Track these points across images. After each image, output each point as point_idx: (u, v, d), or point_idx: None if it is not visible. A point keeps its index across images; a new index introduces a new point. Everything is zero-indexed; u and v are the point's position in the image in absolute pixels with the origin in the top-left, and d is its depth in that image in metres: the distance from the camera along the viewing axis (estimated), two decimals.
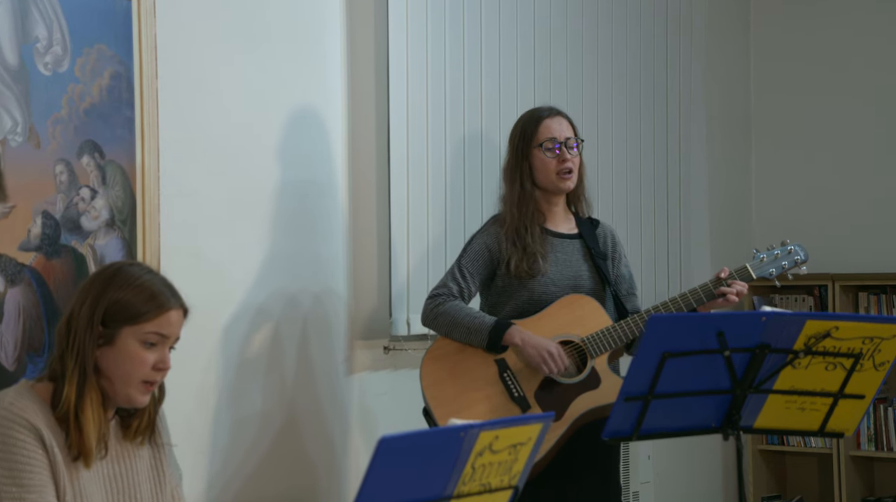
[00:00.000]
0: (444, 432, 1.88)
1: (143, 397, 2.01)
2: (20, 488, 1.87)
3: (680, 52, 4.51)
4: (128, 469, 2.06)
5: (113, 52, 2.65)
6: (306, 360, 3.30)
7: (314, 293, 3.32)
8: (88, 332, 1.97)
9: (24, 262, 2.49)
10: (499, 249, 3.02)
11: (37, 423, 1.91)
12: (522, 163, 3.04)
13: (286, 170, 3.21)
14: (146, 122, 2.73)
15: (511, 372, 2.95)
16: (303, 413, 3.29)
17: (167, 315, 2.00)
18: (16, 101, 2.45)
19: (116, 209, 2.69)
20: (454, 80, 3.62)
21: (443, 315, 2.97)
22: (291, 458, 3.26)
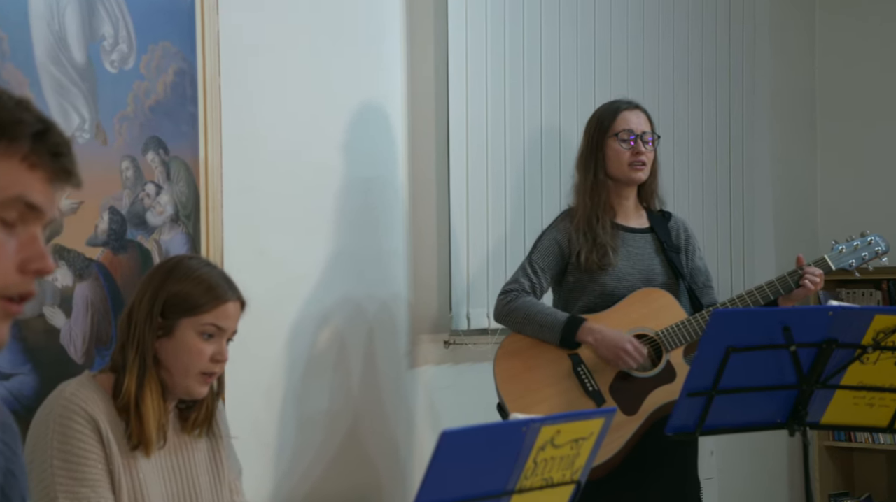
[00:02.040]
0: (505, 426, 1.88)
1: (202, 388, 2.03)
2: (74, 481, 1.90)
3: (743, 38, 4.45)
4: (186, 460, 2.08)
5: (177, 49, 2.68)
6: (370, 355, 3.31)
7: (376, 288, 3.33)
8: (148, 324, 1.99)
9: (91, 257, 2.52)
10: (568, 244, 3.01)
11: (96, 414, 1.94)
12: (596, 153, 3.03)
13: (348, 166, 3.23)
14: (209, 118, 2.75)
15: (585, 366, 2.93)
16: (367, 407, 3.31)
17: (224, 307, 2.02)
18: (83, 99, 2.49)
19: (181, 204, 2.72)
20: (514, 76, 3.60)
21: (515, 311, 2.97)
22: (356, 453, 3.27)
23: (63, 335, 2.46)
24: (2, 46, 2.30)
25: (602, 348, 2.88)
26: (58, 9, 2.42)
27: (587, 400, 2.91)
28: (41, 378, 2.39)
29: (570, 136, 3.59)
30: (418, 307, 3.45)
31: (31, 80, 2.35)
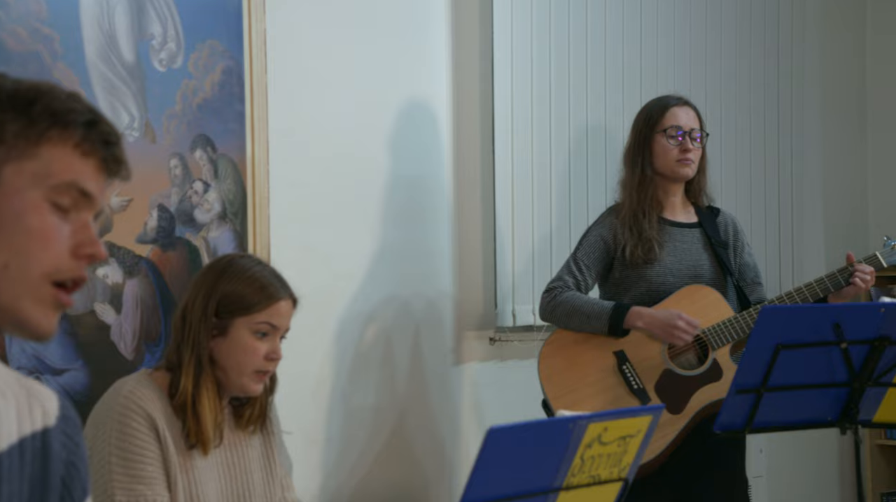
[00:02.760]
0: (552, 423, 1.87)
1: (257, 386, 2.05)
2: (131, 478, 1.92)
3: (792, 31, 4.39)
4: (240, 457, 2.10)
5: (224, 47, 2.70)
6: (415, 351, 3.32)
7: (422, 285, 3.34)
8: (203, 324, 2.01)
9: (141, 255, 2.55)
10: (614, 240, 3.00)
11: (153, 413, 1.96)
12: (644, 148, 3.00)
13: (394, 163, 3.23)
14: (256, 115, 2.77)
15: (630, 364, 2.92)
16: (412, 403, 3.32)
17: (277, 305, 2.04)
18: (132, 97, 2.51)
19: (228, 202, 2.74)
20: (559, 71, 3.59)
21: (560, 305, 2.95)
22: (401, 448, 3.28)
23: (113, 331, 2.49)
24: (54, 46, 2.33)
25: (654, 328, 2.86)
26: (108, 8, 2.45)
27: (632, 398, 2.89)
28: (92, 373, 2.42)
29: (616, 132, 3.57)
30: (464, 304, 3.45)
31: (81, 79, 2.38)
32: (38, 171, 1.12)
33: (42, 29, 2.30)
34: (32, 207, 1.12)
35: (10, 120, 1.11)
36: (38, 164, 1.12)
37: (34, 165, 1.12)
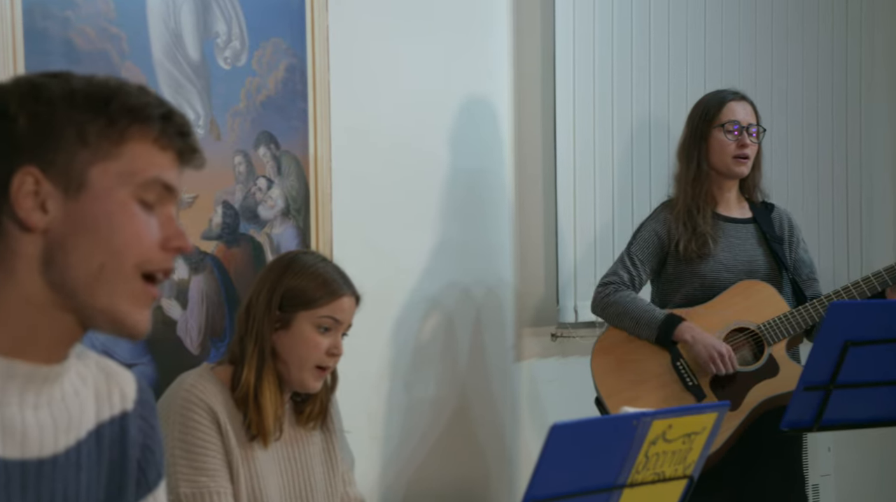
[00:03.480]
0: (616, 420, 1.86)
1: (316, 382, 2.07)
2: (194, 470, 1.94)
3: (861, 21, 4.31)
4: (301, 452, 2.11)
5: (288, 45, 2.72)
6: (476, 347, 3.32)
7: (482, 280, 3.34)
8: (266, 317, 2.04)
9: (206, 251, 2.58)
10: (668, 235, 2.97)
11: (215, 406, 1.99)
12: (700, 143, 2.97)
13: (455, 158, 3.23)
14: (319, 112, 2.79)
15: (684, 360, 2.89)
16: (473, 399, 3.32)
17: (340, 301, 2.06)
18: (198, 95, 2.54)
19: (291, 198, 2.77)
20: (622, 66, 3.56)
21: (613, 305, 2.94)
22: (462, 444, 3.29)
23: (180, 327, 2.52)
24: (121, 45, 2.36)
25: (697, 346, 2.83)
26: (174, 7, 2.48)
27: (687, 395, 2.86)
28: (159, 368, 2.46)
29: (679, 127, 3.53)
30: (524, 300, 3.44)
31: (148, 78, 2.42)
32: (123, 170, 1.13)
33: (110, 28, 2.34)
34: (122, 207, 1.13)
35: (90, 120, 1.12)
36: (121, 163, 1.13)
37: (118, 165, 1.13)
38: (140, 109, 1.14)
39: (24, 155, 1.11)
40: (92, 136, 1.12)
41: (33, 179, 1.11)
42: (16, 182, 1.10)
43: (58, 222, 1.11)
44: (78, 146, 1.12)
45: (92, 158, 1.12)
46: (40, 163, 1.11)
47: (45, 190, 1.11)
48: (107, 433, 1.22)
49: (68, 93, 1.12)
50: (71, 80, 1.14)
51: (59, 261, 1.11)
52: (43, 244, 1.11)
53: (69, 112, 1.12)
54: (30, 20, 2.17)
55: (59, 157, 1.11)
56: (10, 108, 1.11)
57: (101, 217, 1.12)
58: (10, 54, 2.11)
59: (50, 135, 1.11)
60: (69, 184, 1.11)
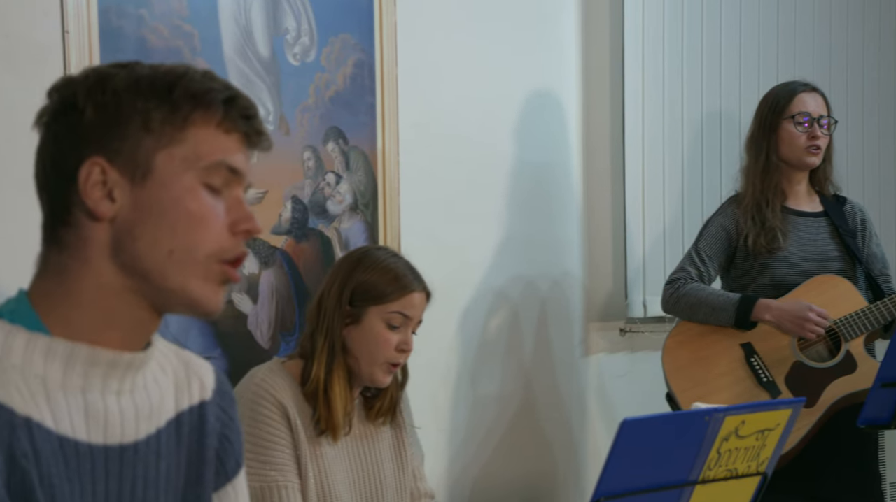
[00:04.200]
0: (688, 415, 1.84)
1: (386, 377, 2.07)
2: (262, 464, 1.96)
3: None
4: (370, 448, 2.12)
5: (356, 40, 2.74)
6: (543, 342, 3.31)
7: (550, 275, 3.32)
8: (337, 311, 2.05)
9: (276, 245, 2.61)
10: (736, 229, 2.93)
11: (284, 400, 2.00)
12: (769, 135, 2.92)
13: (522, 152, 3.23)
14: (387, 107, 2.80)
15: (758, 356, 2.85)
16: (540, 394, 3.31)
17: (410, 297, 2.06)
18: (268, 91, 2.57)
19: (359, 193, 2.78)
20: (691, 58, 3.52)
21: (684, 297, 2.90)
22: (529, 440, 3.28)
23: (250, 321, 2.55)
24: (193, 42, 2.39)
25: (783, 321, 2.78)
26: (245, 4, 2.51)
27: (761, 391, 2.82)
28: (231, 362, 2.49)
29: (750, 118, 3.49)
30: (593, 294, 3.42)
31: (219, 74, 2.44)
32: (188, 155, 1.14)
33: (183, 26, 2.37)
34: (188, 192, 1.14)
35: (154, 107, 1.13)
36: (186, 148, 1.14)
37: (183, 150, 1.14)
38: (203, 94, 1.15)
39: (91, 145, 1.13)
40: (156, 123, 1.13)
41: (100, 169, 1.12)
42: (83, 173, 1.12)
43: (126, 210, 1.13)
44: (143, 133, 1.13)
45: (157, 145, 1.13)
46: (107, 153, 1.12)
47: (112, 178, 1.12)
48: (186, 421, 1.23)
49: (133, 81, 1.14)
50: (137, 69, 1.15)
51: (128, 247, 1.13)
52: (112, 231, 1.13)
53: (134, 100, 1.13)
54: (105, 19, 2.21)
55: (124, 146, 1.13)
56: (78, 99, 1.13)
57: (168, 203, 1.13)
58: (86, 52, 2.15)
59: (115, 125, 1.13)
60: (135, 172, 1.13)
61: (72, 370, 1.11)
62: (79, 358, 1.12)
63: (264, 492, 1.94)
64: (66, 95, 1.14)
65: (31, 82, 2.08)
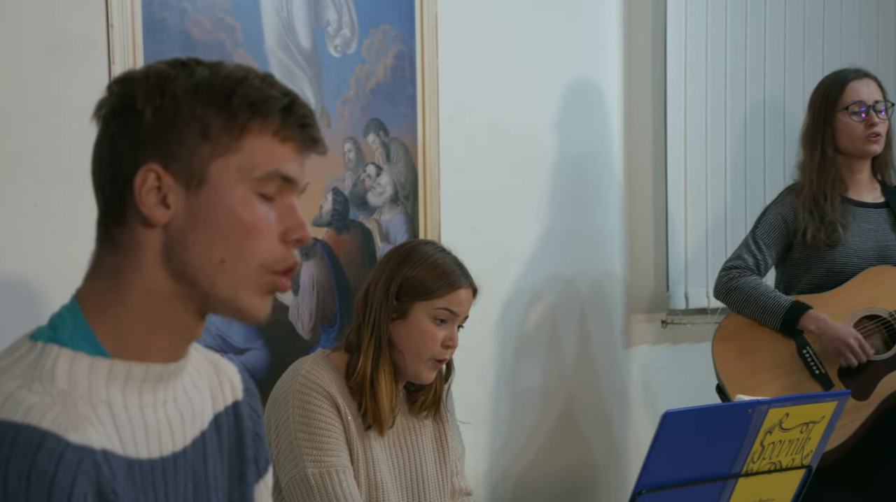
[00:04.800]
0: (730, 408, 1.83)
1: (430, 373, 2.07)
2: (319, 451, 1.97)
3: None
4: (413, 441, 2.13)
5: (397, 32, 2.74)
6: (584, 334, 3.30)
7: (591, 267, 3.31)
8: (384, 306, 2.05)
9: (317, 237, 2.62)
10: (795, 220, 2.90)
11: (332, 391, 2.01)
12: (824, 128, 2.88)
13: (563, 144, 3.21)
14: (427, 98, 2.80)
15: (811, 348, 2.82)
16: (581, 387, 3.30)
17: (457, 293, 2.06)
18: (309, 83, 2.58)
19: (400, 185, 2.78)
20: (735, 47, 3.49)
21: (737, 290, 2.88)
22: (570, 432, 3.27)
23: (291, 312, 2.56)
24: (235, 34, 2.41)
25: (826, 338, 2.76)
26: None
27: (813, 383, 2.79)
28: (272, 353, 2.50)
29: (795, 108, 3.45)
30: (634, 286, 3.40)
31: (261, 67, 2.44)
32: (243, 165, 1.13)
33: (225, 18, 2.38)
34: (242, 201, 1.13)
35: (213, 115, 1.12)
36: (241, 158, 1.13)
37: (238, 159, 1.13)
38: (261, 103, 1.13)
39: (147, 149, 1.12)
40: (214, 131, 1.13)
41: (155, 175, 1.12)
42: (139, 178, 1.12)
43: (179, 217, 1.13)
44: (200, 140, 1.12)
45: (212, 153, 1.13)
46: (163, 158, 1.12)
47: (167, 184, 1.12)
48: (224, 422, 1.25)
49: (192, 86, 1.13)
50: (196, 72, 1.14)
51: (180, 254, 1.13)
52: (165, 237, 1.13)
53: (193, 106, 1.12)
54: (149, 11, 2.22)
55: (181, 152, 1.12)
56: (137, 100, 1.13)
57: (221, 212, 1.12)
58: (130, 45, 2.17)
59: (173, 130, 1.12)
60: (191, 180, 1.12)
61: (130, 389, 1.13)
62: (135, 377, 1.13)
63: (323, 478, 1.96)
64: (126, 94, 1.14)
65: (77, 76, 2.11)
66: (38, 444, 1.03)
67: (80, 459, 1.04)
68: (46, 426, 1.04)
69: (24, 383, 1.07)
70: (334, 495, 1.94)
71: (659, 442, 1.63)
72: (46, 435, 1.04)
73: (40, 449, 1.03)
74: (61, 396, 1.08)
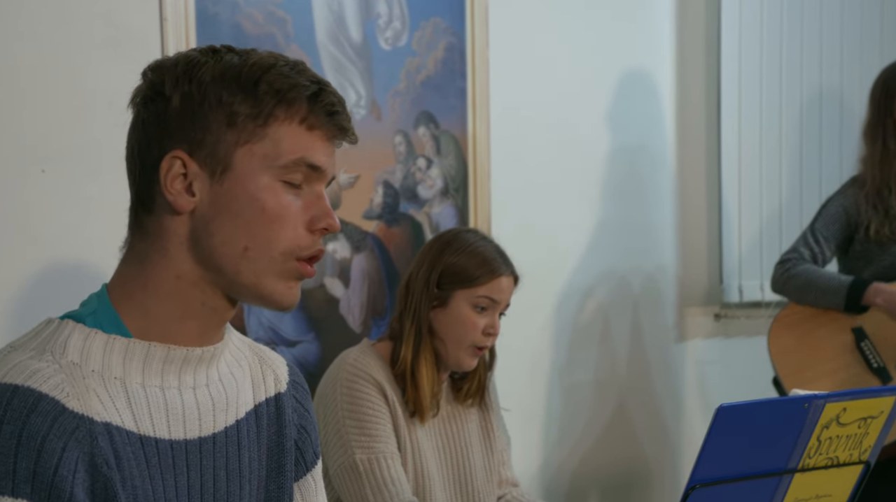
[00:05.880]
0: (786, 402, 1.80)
1: (472, 361, 2.07)
2: (368, 437, 1.98)
3: None
4: (459, 430, 2.13)
5: (447, 24, 2.73)
6: (636, 327, 3.28)
7: (643, 260, 3.28)
8: (425, 294, 2.05)
9: (367, 230, 2.62)
10: (857, 212, 2.85)
11: (379, 378, 2.02)
12: (885, 120, 2.83)
13: (614, 135, 3.19)
14: (478, 91, 2.79)
15: (870, 341, 2.77)
16: (634, 380, 3.28)
17: (498, 280, 2.05)
18: (359, 76, 2.58)
19: (450, 178, 2.78)
20: (791, 35, 3.43)
21: (795, 277, 2.84)
22: (623, 426, 3.25)
23: (342, 305, 2.57)
24: (287, 29, 2.42)
25: (893, 308, 2.70)
26: None
27: (871, 377, 2.75)
28: (323, 345, 2.51)
29: (853, 98, 3.39)
30: (687, 279, 3.37)
31: (312, 60, 2.46)
32: (268, 153, 1.13)
33: (276, 12, 2.39)
34: (266, 189, 1.13)
35: (239, 101, 1.12)
36: (266, 145, 1.13)
37: (263, 147, 1.13)
38: (287, 91, 1.13)
39: (174, 136, 1.13)
40: (239, 118, 1.12)
41: (181, 162, 1.12)
42: (164, 165, 1.13)
43: (204, 204, 1.13)
44: (225, 127, 1.12)
45: (237, 140, 1.12)
46: (189, 144, 1.12)
47: (193, 171, 1.13)
48: (264, 412, 1.25)
49: (219, 73, 1.13)
50: (225, 59, 1.14)
51: (205, 242, 1.13)
52: (191, 224, 1.13)
53: (219, 93, 1.12)
54: (202, 6, 2.24)
55: (207, 139, 1.12)
56: (166, 87, 1.13)
57: (244, 200, 1.12)
58: (183, 39, 2.19)
59: (199, 117, 1.12)
60: (215, 167, 1.13)
61: (149, 369, 1.13)
62: (155, 356, 1.13)
63: (372, 464, 1.97)
64: (156, 81, 1.14)
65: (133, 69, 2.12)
66: (32, 406, 1.04)
67: (75, 427, 1.06)
68: (46, 390, 1.05)
69: (35, 354, 1.09)
70: (382, 481, 1.95)
71: (713, 436, 1.61)
72: (43, 397, 1.05)
73: (34, 411, 1.04)
74: (69, 367, 1.09)
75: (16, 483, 1.02)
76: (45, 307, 1.26)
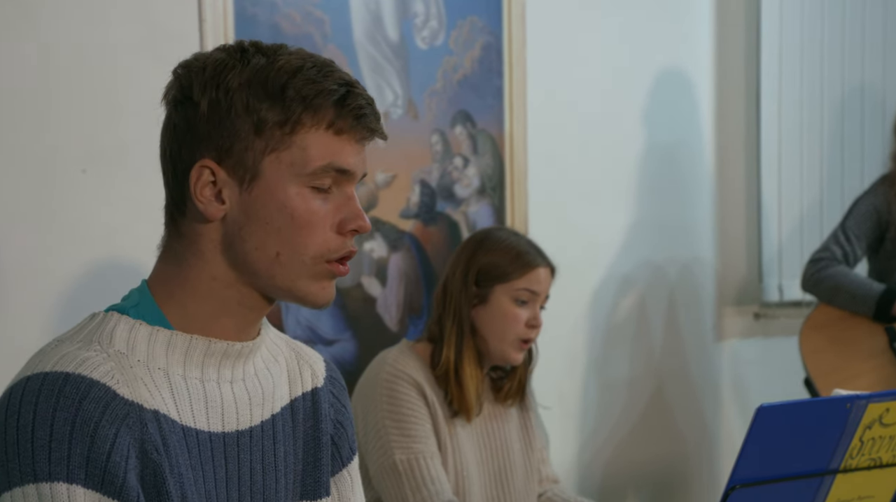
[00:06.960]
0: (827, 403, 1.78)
1: (518, 354, 2.08)
2: (407, 438, 1.99)
3: None
4: (499, 429, 2.13)
5: (484, 23, 2.73)
6: (673, 326, 3.26)
7: (681, 258, 3.26)
8: (463, 293, 2.06)
9: (404, 229, 2.63)
10: (888, 210, 2.82)
11: (419, 379, 2.03)
12: None
13: (652, 133, 3.17)
14: (514, 90, 2.78)
15: None
16: (671, 379, 3.26)
17: (535, 272, 2.07)
18: (396, 75, 2.58)
19: (486, 177, 2.78)
20: (832, 29, 3.40)
21: (825, 279, 2.81)
22: (660, 425, 3.24)
23: (379, 304, 2.58)
24: (324, 28, 2.42)
25: None
26: None
27: None
28: (360, 344, 2.52)
29: (895, 92, 3.35)
30: (725, 277, 3.35)
31: (350, 60, 2.47)
32: (296, 160, 1.13)
33: (314, 12, 2.40)
34: (295, 196, 1.13)
35: (266, 109, 1.12)
36: (294, 153, 1.13)
37: (291, 154, 1.13)
38: (313, 97, 1.12)
39: (202, 143, 1.13)
40: (267, 126, 1.12)
41: (210, 171, 1.13)
42: (194, 175, 1.14)
43: (234, 211, 1.14)
44: (252, 135, 1.12)
45: (265, 148, 1.13)
46: (217, 153, 1.13)
47: (222, 179, 1.13)
48: (300, 407, 1.26)
49: (246, 80, 1.12)
50: (252, 62, 1.13)
51: (237, 247, 1.14)
52: (223, 230, 1.15)
53: (246, 100, 1.12)
54: (240, 7, 2.25)
55: (235, 146, 1.13)
56: (194, 92, 1.14)
57: (274, 208, 1.13)
58: (221, 39, 2.20)
59: (227, 124, 1.12)
60: (244, 175, 1.13)
61: (190, 361, 1.15)
62: (196, 349, 1.15)
63: (412, 464, 1.98)
64: (186, 85, 1.15)
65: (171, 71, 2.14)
66: (85, 392, 1.06)
67: (126, 413, 1.07)
68: (97, 377, 1.07)
69: (83, 345, 1.11)
70: (422, 480, 1.96)
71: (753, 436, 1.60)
72: (95, 383, 1.07)
73: (87, 397, 1.06)
74: (117, 356, 1.11)
75: (70, 469, 1.04)
76: (86, 306, 1.27)
